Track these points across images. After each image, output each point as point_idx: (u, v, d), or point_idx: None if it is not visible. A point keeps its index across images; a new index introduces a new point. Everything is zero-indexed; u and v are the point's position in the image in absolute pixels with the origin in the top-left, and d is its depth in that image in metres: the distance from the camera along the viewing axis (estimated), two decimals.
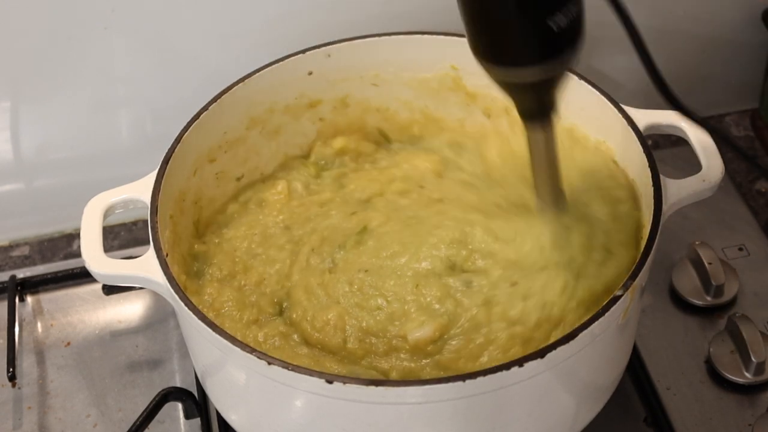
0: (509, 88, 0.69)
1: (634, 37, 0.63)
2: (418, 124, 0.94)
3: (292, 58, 0.87)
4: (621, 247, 0.77)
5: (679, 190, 0.76)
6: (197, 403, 0.86)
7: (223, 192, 0.89)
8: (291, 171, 0.91)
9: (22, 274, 0.98)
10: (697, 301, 0.91)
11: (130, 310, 0.96)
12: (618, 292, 0.67)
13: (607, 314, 0.66)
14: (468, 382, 0.63)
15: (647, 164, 0.76)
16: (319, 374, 0.64)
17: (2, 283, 0.97)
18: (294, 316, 0.78)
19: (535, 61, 0.65)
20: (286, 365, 0.64)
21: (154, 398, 0.84)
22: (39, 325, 0.95)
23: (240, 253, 0.84)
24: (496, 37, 0.65)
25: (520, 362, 0.64)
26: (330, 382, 0.63)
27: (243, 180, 0.90)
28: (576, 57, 0.66)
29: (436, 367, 0.74)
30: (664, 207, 0.74)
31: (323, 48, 0.88)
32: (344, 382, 0.63)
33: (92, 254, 0.75)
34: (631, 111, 0.80)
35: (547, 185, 0.76)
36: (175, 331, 0.94)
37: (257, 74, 0.86)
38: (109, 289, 0.95)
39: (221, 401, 0.78)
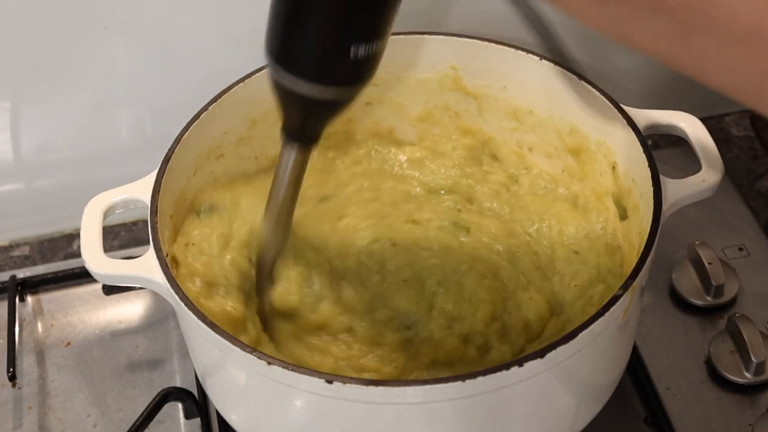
0: (284, 97, 0.63)
1: None
2: (420, 126, 0.94)
3: None
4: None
5: (679, 190, 0.76)
6: (197, 403, 0.86)
7: None
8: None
9: (22, 274, 0.98)
10: (697, 301, 0.91)
11: (130, 310, 0.96)
12: (618, 292, 0.67)
13: (607, 314, 0.66)
14: (468, 382, 0.63)
15: (647, 164, 0.76)
16: (319, 374, 0.64)
17: (2, 283, 0.97)
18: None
19: (325, 82, 0.61)
20: (286, 365, 0.64)
21: (154, 398, 0.84)
22: (39, 325, 0.95)
23: None
24: (297, 44, 0.60)
25: (519, 362, 0.63)
26: (330, 382, 0.63)
27: None
28: (357, 94, 0.63)
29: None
30: (664, 207, 0.73)
31: None
32: (344, 382, 0.63)
33: (92, 254, 0.74)
34: (631, 111, 0.80)
35: (277, 207, 0.72)
36: (175, 331, 0.94)
37: (257, 74, 0.86)
38: (109, 289, 0.95)
39: (221, 401, 0.78)
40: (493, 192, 0.90)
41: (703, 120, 0.81)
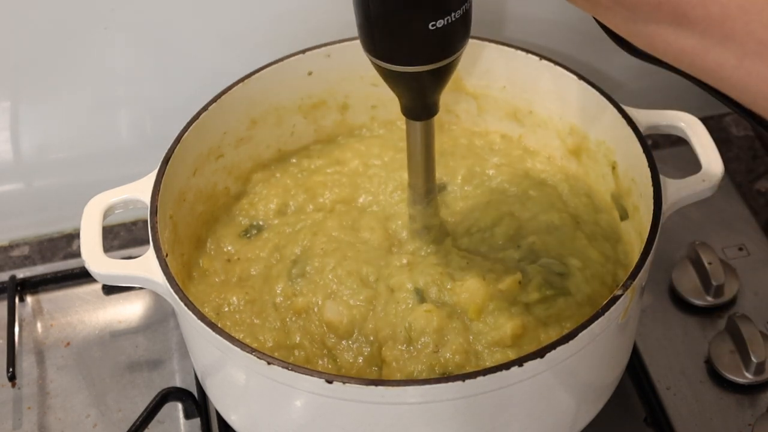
0: (394, 82, 0.70)
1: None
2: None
3: (292, 58, 0.87)
4: None
5: (679, 190, 0.76)
6: (197, 403, 0.86)
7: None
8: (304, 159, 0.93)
9: (22, 274, 0.98)
10: (697, 301, 0.91)
11: (130, 310, 0.96)
12: (618, 292, 0.67)
13: (606, 314, 0.66)
14: (468, 382, 0.63)
15: (647, 164, 0.76)
16: (319, 374, 0.64)
17: (2, 283, 0.97)
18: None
19: (415, 63, 0.67)
20: (286, 365, 0.64)
21: (154, 398, 0.84)
22: (39, 325, 0.95)
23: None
24: (387, 39, 0.66)
25: (520, 362, 0.64)
26: (330, 382, 0.63)
27: None
28: (458, 54, 0.67)
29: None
30: (664, 207, 0.74)
31: (323, 48, 0.88)
32: (344, 382, 0.63)
33: (92, 254, 0.75)
34: (631, 111, 0.80)
35: (420, 177, 0.77)
36: (175, 331, 0.94)
37: (257, 74, 0.86)
38: (109, 289, 0.95)
39: (221, 401, 0.78)
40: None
41: (703, 120, 0.81)
